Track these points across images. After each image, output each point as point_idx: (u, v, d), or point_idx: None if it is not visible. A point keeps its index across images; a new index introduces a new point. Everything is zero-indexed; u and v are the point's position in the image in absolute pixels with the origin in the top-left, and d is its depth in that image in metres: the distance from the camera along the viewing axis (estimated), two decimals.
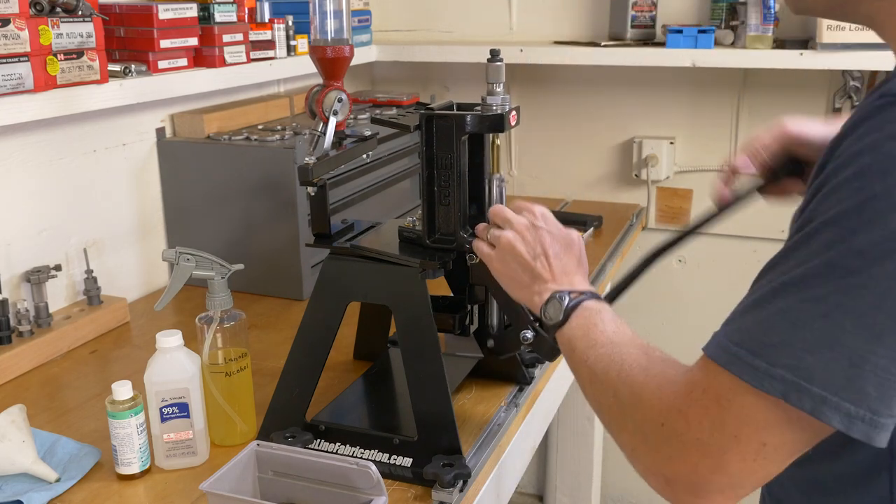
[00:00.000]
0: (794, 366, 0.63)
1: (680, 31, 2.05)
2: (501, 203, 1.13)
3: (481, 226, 1.06)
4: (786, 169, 1.06)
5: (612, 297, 1.05)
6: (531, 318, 1.11)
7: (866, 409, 0.62)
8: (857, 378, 0.61)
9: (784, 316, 0.64)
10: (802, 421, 0.64)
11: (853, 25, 1.85)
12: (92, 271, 1.57)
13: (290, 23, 1.96)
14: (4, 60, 1.29)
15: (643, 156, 2.30)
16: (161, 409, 1.09)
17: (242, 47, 1.79)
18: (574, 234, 1.02)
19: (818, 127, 1.05)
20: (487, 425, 1.20)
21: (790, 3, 0.85)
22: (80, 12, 1.41)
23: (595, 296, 0.93)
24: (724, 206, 1.10)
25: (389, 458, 1.10)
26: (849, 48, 1.89)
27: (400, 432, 1.12)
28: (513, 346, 1.22)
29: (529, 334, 1.10)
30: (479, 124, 1.09)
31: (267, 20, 1.91)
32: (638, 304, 2.41)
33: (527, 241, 0.99)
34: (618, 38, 2.16)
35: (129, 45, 1.62)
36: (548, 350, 1.06)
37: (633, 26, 2.15)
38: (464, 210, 1.12)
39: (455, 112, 1.11)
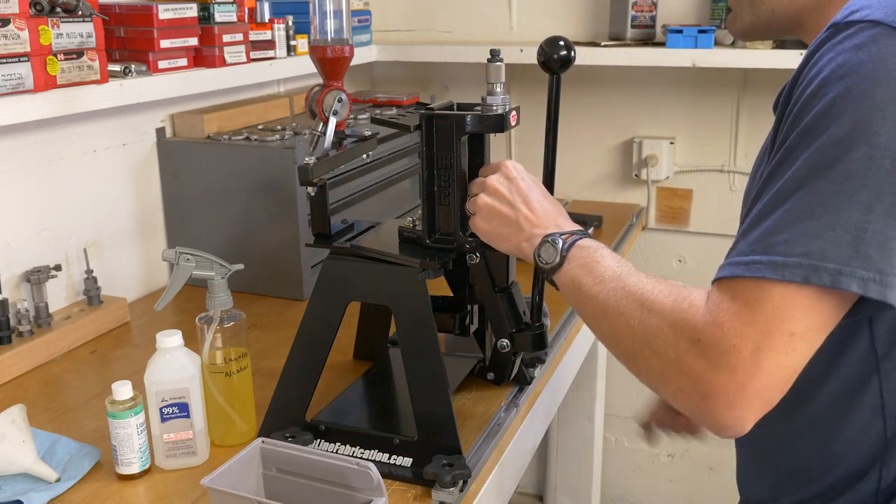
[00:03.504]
0: (806, 252, 0.72)
1: (680, 31, 2.05)
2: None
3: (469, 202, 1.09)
4: None
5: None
6: (512, 322, 1.13)
7: (875, 271, 0.72)
8: (861, 247, 0.72)
9: (786, 216, 0.74)
10: (823, 301, 0.73)
11: None
12: (92, 271, 1.57)
13: (290, 23, 1.96)
14: (4, 60, 1.29)
15: (643, 156, 2.30)
16: (161, 409, 1.09)
17: (242, 47, 1.79)
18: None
19: None
20: (487, 425, 1.20)
21: (734, 31, 1.00)
22: (80, 12, 1.41)
23: (586, 234, 0.97)
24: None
25: (389, 458, 1.09)
26: None
27: (400, 432, 1.12)
28: (506, 367, 1.25)
29: (506, 342, 1.12)
30: (480, 124, 1.09)
31: (267, 20, 1.91)
32: None
33: (502, 195, 1.04)
34: (618, 38, 2.16)
35: (129, 45, 1.62)
36: (529, 343, 1.11)
37: (633, 26, 2.15)
38: (464, 210, 1.12)
39: (455, 112, 1.11)
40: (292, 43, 1.97)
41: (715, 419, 0.76)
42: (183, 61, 1.68)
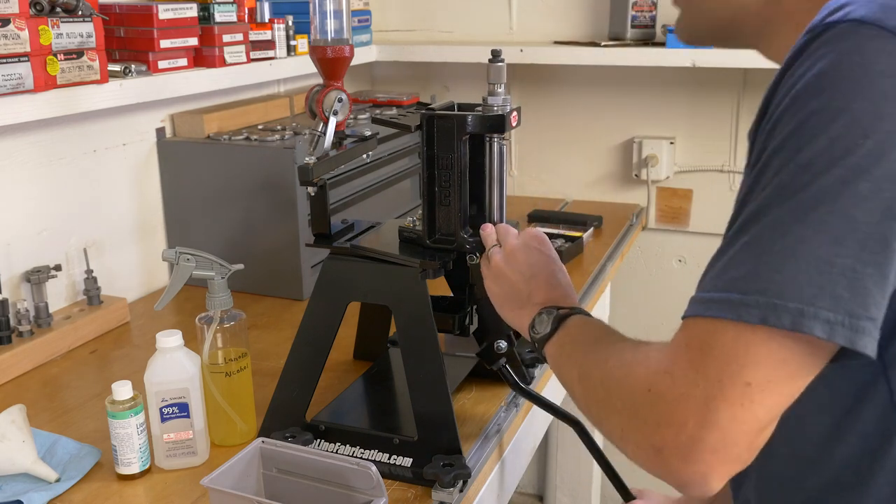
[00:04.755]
0: (765, 289, 0.63)
1: None
2: (502, 166, 1.13)
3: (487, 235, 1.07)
4: None
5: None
6: (511, 330, 1.12)
7: (844, 314, 0.62)
8: (828, 284, 0.62)
9: (748, 248, 0.65)
10: (785, 347, 0.63)
11: None
12: (92, 271, 1.57)
13: (290, 23, 1.96)
14: (4, 60, 1.29)
15: (643, 156, 2.30)
16: (161, 409, 1.09)
17: (242, 47, 1.79)
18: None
19: None
20: (487, 425, 1.20)
21: (679, 34, 0.91)
22: (80, 12, 1.41)
23: (585, 313, 0.93)
24: None
25: (389, 458, 1.09)
26: None
27: (400, 432, 1.12)
28: (491, 359, 1.23)
29: (503, 344, 1.12)
30: (480, 125, 1.09)
31: (267, 20, 1.91)
32: (638, 304, 2.42)
33: (518, 263, 1.00)
34: (618, 38, 2.17)
35: (129, 45, 1.62)
36: (522, 360, 1.09)
37: (633, 26, 2.15)
38: (464, 210, 1.12)
39: (456, 112, 1.11)
40: (292, 43, 1.97)
41: (672, 475, 0.69)
42: (183, 61, 1.68)
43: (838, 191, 0.62)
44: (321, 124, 1.12)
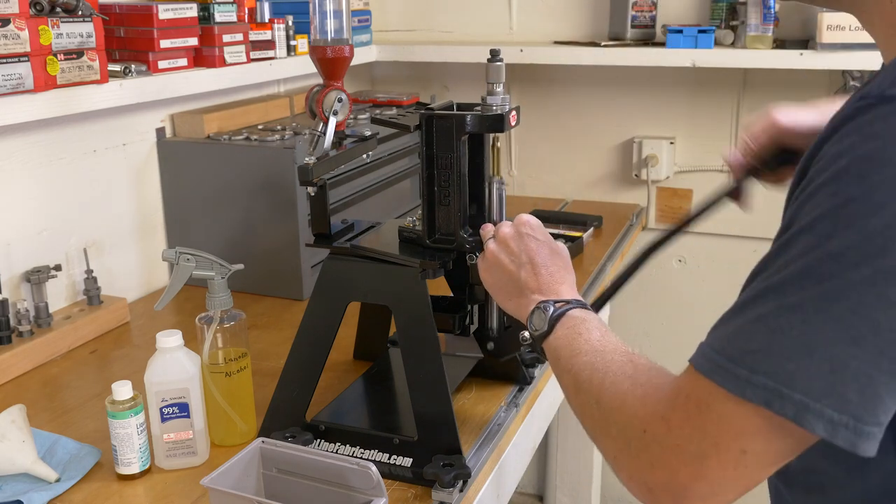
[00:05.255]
0: (774, 372, 0.62)
1: (680, 31, 2.05)
2: (501, 206, 1.14)
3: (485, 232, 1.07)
4: (777, 160, 1.06)
5: (605, 298, 1.05)
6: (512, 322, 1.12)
7: (849, 416, 0.60)
8: (838, 384, 0.60)
9: (764, 323, 0.63)
10: (784, 429, 0.63)
11: (853, 25, 1.85)
12: (92, 271, 1.57)
13: (290, 23, 1.96)
14: (4, 60, 1.29)
15: (643, 156, 2.30)
16: (161, 409, 1.09)
17: (242, 47, 1.79)
18: (560, 244, 1.02)
19: (808, 115, 1.04)
20: (487, 425, 1.20)
21: None
22: (80, 12, 1.41)
23: (581, 304, 0.93)
24: (700, 209, 1.11)
25: (389, 458, 1.09)
26: (849, 48, 1.89)
27: (400, 432, 1.12)
28: (513, 347, 1.22)
29: (527, 334, 1.11)
30: (480, 124, 1.09)
31: (267, 20, 1.91)
32: (638, 304, 2.41)
33: (510, 250, 1.00)
34: (618, 38, 2.16)
35: (129, 45, 1.62)
36: (522, 361, 1.07)
37: (633, 26, 2.15)
38: (464, 210, 1.12)
39: (455, 112, 1.11)
40: (292, 43, 1.97)
41: None
42: (183, 61, 1.68)
43: (865, 291, 0.60)
44: (321, 124, 1.12)
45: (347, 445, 1.12)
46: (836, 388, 0.60)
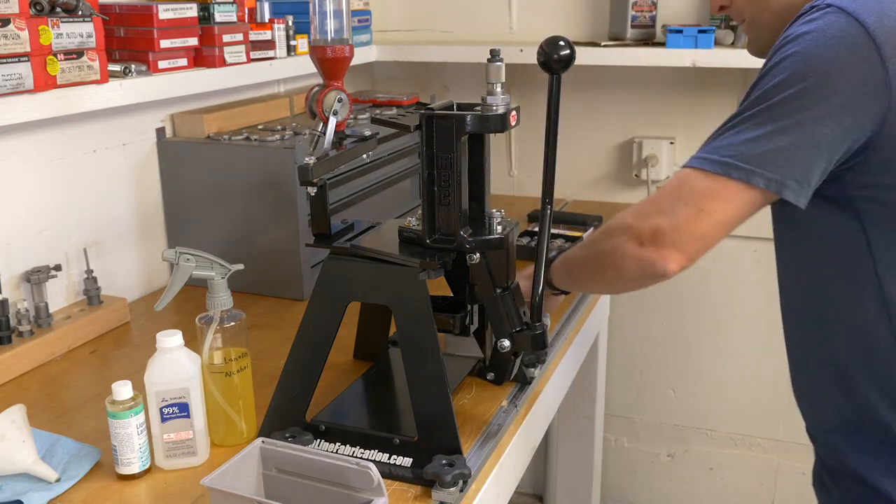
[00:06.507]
0: (733, 154, 0.98)
1: (680, 31, 2.05)
2: None
3: None
4: None
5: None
6: (513, 322, 1.14)
7: (780, 175, 0.96)
8: (774, 157, 0.96)
9: (730, 131, 1.01)
10: (732, 193, 0.98)
11: None
12: (92, 271, 1.57)
13: (290, 23, 1.96)
14: (4, 60, 1.29)
15: (643, 156, 2.30)
16: (161, 409, 1.09)
17: (242, 47, 1.79)
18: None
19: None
20: (487, 425, 1.20)
21: (755, 54, 1.28)
22: (80, 12, 1.41)
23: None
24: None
25: (389, 458, 1.10)
26: None
27: (400, 432, 1.12)
28: (505, 367, 1.26)
29: (507, 342, 1.12)
30: (480, 124, 1.09)
31: (267, 20, 1.91)
32: (638, 304, 2.41)
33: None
34: (618, 38, 2.17)
35: (129, 45, 1.62)
36: (529, 343, 1.14)
37: (633, 26, 2.15)
38: (464, 210, 1.12)
39: (455, 112, 1.11)
40: (292, 43, 1.97)
41: (650, 259, 1.02)
42: (183, 61, 1.68)
43: (792, 103, 0.96)
44: (321, 124, 1.12)
45: (347, 445, 1.12)
46: (770, 159, 0.97)
